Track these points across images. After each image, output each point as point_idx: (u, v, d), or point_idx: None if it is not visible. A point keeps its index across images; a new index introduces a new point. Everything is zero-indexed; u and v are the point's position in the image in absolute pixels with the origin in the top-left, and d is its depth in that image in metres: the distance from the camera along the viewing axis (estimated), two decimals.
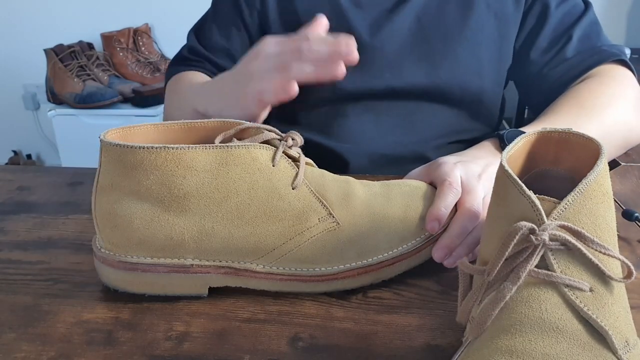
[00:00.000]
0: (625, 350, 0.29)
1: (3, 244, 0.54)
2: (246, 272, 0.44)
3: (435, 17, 0.73)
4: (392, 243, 0.45)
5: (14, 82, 2.40)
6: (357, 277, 0.44)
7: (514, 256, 0.31)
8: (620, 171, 0.68)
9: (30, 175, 0.70)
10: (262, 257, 0.43)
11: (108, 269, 0.44)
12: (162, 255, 0.43)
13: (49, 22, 2.29)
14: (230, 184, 0.42)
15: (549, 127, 0.38)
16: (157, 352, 0.38)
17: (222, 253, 0.43)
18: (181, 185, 0.41)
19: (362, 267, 0.44)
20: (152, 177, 0.41)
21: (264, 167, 0.43)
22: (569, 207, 0.31)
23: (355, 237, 0.44)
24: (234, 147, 0.42)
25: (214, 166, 0.42)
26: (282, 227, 0.43)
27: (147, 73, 2.16)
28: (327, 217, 0.44)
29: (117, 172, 0.42)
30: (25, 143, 2.56)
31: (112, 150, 0.42)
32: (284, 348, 0.38)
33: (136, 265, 0.43)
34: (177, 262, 0.43)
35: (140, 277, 0.44)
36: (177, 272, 0.43)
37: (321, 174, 0.46)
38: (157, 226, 0.42)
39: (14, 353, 0.39)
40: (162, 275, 0.43)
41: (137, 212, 0.42)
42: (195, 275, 0.44)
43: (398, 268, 0.45)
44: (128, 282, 0.44)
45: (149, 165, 0.41)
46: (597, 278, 0.30)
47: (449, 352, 0.37)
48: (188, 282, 0.44)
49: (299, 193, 0.44)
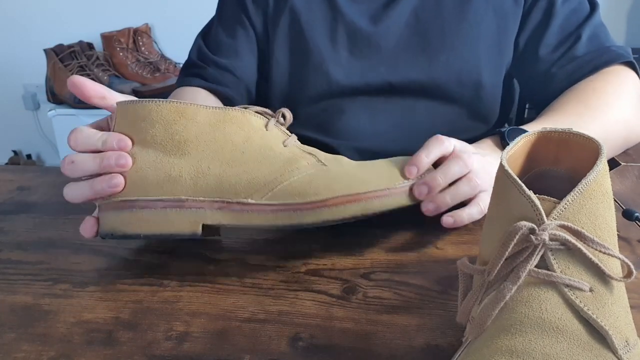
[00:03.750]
0: (625, 350, 0.29)
1: (3, 244, 0.54)
2: (238, 205, 0.46)
3: (433, 10, 0.73)
4: (380, 181, 0.46)
5: (14, 82, 2.40)
6: (346, 205, 0.45)
7: (514, 256, 0.31)
8: (620, 171, 0.68)
9: (30, 176, 0.70)
10: (254, 192, 0.46)
11: (109, 214, 0.46)
12: (160, 193, 0.46)
13: (49, 22, 2.29)
14: (227, 136, 0.47)
15: (549, 127, 0.38)
16: (157, 352, 0.38)
17: (217, 190, 0.46)
18: (182, 132, 0.46)
19: (350, 195, 0.45)
20: (157, 126, 0.46)
21: (258, 129, 0.48)
22: (569, 207, 0.31)
23: (343, 174, 0.46)
24: (231, 109, 0.48)
25: (212, 121, 0.47)
26: (274, 168, 0.46)
27: (147, 73, 2.16)
28: (317, 163, 0.48)
29: (128, 125, 0.47)
30: (25, 143, 2.56)
31: (125, 108, 0.47)
32: (284, 348, 0.38)
33: (135, 203, 0.46)
34: (173, 198, 0.46)
35: (137, 215, 0.46)
36: (172, 207, 0.46)
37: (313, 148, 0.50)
38: (158, 165, 0.46)
39: (14, 353, 0.39)
40: (158, 212, 0.46)
41: (142, 156, 0.46)
42: (189, 210, 0.46)
43: (386, 201, 0.46)
44: (126, 222, 0.46)
45: (156, 116, 0.46)
46: (597, 278, 0.30)
47: (449, 352, 0.37)
48: (182, 218, 0.46)
49: (290, 148, 0.48)
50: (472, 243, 0.51)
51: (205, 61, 0.78)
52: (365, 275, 0.47)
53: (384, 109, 0.76)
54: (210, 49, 0.79)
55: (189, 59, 0.81)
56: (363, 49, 0.74)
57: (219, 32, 0.80)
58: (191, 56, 0.81)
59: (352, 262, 0.48)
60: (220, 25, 0.80)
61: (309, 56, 0.75)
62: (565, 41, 0.71)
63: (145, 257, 0.50)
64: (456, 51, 0.72)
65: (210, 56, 0.78)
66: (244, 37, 0.79)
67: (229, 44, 0.79)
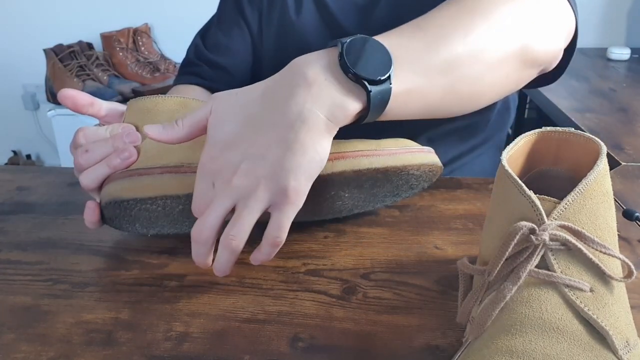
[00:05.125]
0: (625, 350, 0.29)
1: (3, 244, 0.54)
2: None
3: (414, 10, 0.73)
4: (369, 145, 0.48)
5: (13, 82, 2.40)
6: (335, 161, 0.46)
7: (514, 256, 0.31)
8: (620, 170, 0.68)
9: (30, 176, 0.70)
10: None
11: (110, 185, 0.48)
12: (159, 162, 0.48)
13: (49, 22, 2.29)
14: None
15: (549, 127, 0.38)
16: (157, 353, 0.38)
17: None
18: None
19: (338, 152, 0.47)
20: (162, 117, 0.49)
21: None
22: (569, 207, 0.31)
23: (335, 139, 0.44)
24: None
25: None
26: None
27: (146, 73, 2.15)
28: None
29: (136, 117, 0.50)
30: (24, 143, 2.55)
31: (135, 103, 0.51)
32: (284, 348, 0.38)
33: (136, 171, 0.48)
34: (170, 164, 0.48)
35: (137, 182, 0.47)
36: (170, 172, 0.47)
37: None
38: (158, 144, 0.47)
39: (13, 353, 0.39)
40: (156, 177, 0.47)
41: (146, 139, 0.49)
42: (185, 175, 0.47)
43: (374, 160, 0.48)
44: (125, 189, 0.48)
45: (162, 108, 0.50)
46: (597, 278, 0.30)
47: (449, 352, 0.37)
48: (179, 182, 0.47)
49: None
50: (472, 243, 0.51)
51: (203, 60, 0.79)
52: (365, 275, 0.46)
53: None
54: (207, 48, 0.80)
55: (186, 57, 0.82)
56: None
57: (216, 32, 0.81)
58: (189, 55, 0.82)
59: (352, 262, 0.48)
60: (218, 25, 0.81)
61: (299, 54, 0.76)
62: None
63: (145, 257, 0.50)
64: None
65: (207, 55, 0.79)
66: (241, 37, 0.80)
67: (226, 44, 0.79)
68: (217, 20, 0.82)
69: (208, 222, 0.40)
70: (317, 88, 0.40)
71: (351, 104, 0.40)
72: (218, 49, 0.80)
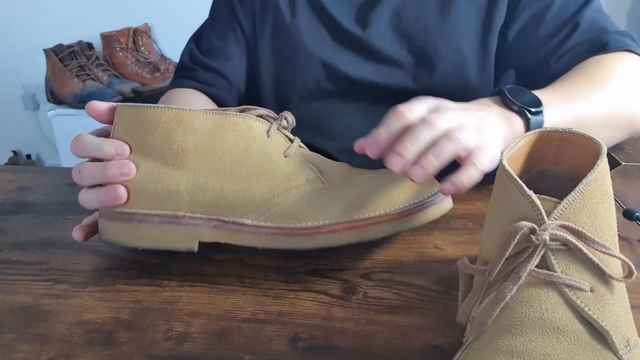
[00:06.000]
0: (626, 350, 0.29)
1: (3, 244, 0.54)
2: (234, 225, 0.46)
3: (414, 11, 0.73)
4: (379, 204, 0.45)
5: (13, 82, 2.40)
6: (343, 232, 0.45)
7: (515, 256, 0.31)
8: (621, 170, 0.68)
9: (30, 176, 0.70)
10: (251, 211, 0.45)
11: (108, 223, 0.47)
12: (158, 207, 0.46)
13: (49, 22, 2.29)
14: (226, 146, 0.46)
15: (549, 127, 0.38)
16: (157, 353, 0.38)
17: (213, 207, 0.45)
18: (180, 142, 0.45)
19: (348, 222, 0.44)
20: (155, 134, 0.45)
21: (259, 136, 0.47)
22: (570, 206, 0.31)
23: (342, 196, 0.45)
24: (232, 115, 0.46)
25: (211, 129, 0.46)
26: (271, 185, 0.46)
27: (146, 73, 2.15)
28: (315, 180, 0.46)
29: (127, 130, 0.46)
30: (24, 143, 2.55)
31: (125, 111, 0.46)
32: (284, 348, 0.38)
33: (133, 216, 0.46)
34: (170, 213, 0.46)
35: (135, 228, 0.46)
36: (170, 223, 0.46)
37: (315, 154, 0.49)
38: (156, 177, 0.46)
39: (13, 353, 0.39)
40: (155, 226, 0.46)
41: (140, 165, 0.46)
42: (186, 227, 0.46)
43: (385, 228, 0.45)
44: (124, 234, 0.47)
45: (154, 122, 0.45)
46: (597, 278, 0.30)
47: (449, 352, 0.37)
48: (179, 234, 0.46)
49: (290, 160, 0.47)
50: (472, 243, 0.51)
51: (197, 64, 0.79)
52: (365, 275, 0.46)
53: (372, 109, 0.76)
54: (202, 53, 0.80)
55: (181, 62, 0.82)
56: (349, 50, 0.75)
57: (210, 36, 0.80)
58: (183, 59, 0.81)
59: (352, 262, 0.48)
60: (212, 29, 0.81)
61: (296, 57, 0.76)
62: (561, 30, 0.68)
63: (145, 257, 0.50)
64: (439, 52, 0.72)
65: (202, 59, 0.79)
66: (235, 41, 0.79)
67: (220, 47, 0.79)
68: (211, 25, 0.81)
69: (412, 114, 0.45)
70: (498, 110, 0.51)
71: (518, 125, 0.51)
72: (213, 53, 0.79)
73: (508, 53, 0.74)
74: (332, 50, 0.75)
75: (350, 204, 0.45)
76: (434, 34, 0.72)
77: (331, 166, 0.49)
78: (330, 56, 0.75)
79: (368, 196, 0.45)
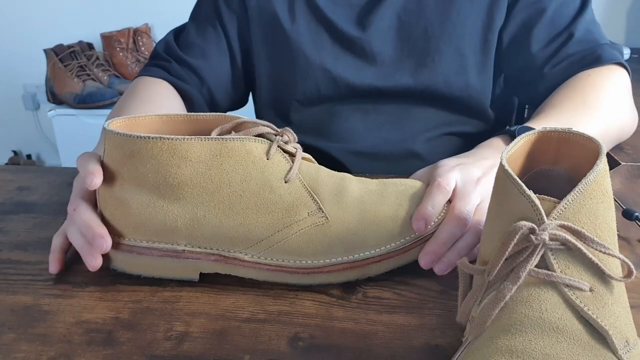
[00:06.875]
0: (625, 350, 0.29)
1: (3, 244, 0.54)
2: (235, 260, 0.45)
3: (415, 12, 0.73)
4: (380, 240, 0.44)
5: (13, 82, 2.40)
6: (343, 271, 0.45)
7: (514, 256, 0.31)
8: (620, 171, 0.68)
9: (30, 175, 0.70)
10: (251, 247, 0.44)
11: (115, 253, 0.46)
12: (157, 240, 0.45)
13: (49, 22, 2.29)
14: (223, 175, 0.43)
15: (549, 127, 0.38)
16: (157, 352, 0.38)
17: (213, 241, 0.44)
18: (176, 175, 0.43)
19: (347, 263, 0.44)
20: (148, 166, 0.43)
21: (258, 160, 0.44)
22: (569, 206, 0.31)
23: (343, 233, 0.44)
24: (229, 140, 0.43)
25: (208, 157, 0.43)
26: (272, 219, 0.44)
27: None
28: (317, 212, 0.44)
29: (118, 159, 0.44)
30: (25, 143, 2.55)
31: (113, 138, 0.44)
32: (284, 348, 0.38)
33: (132, 248, 0.46)
34: (169, 247, 0.45)
35: (136, 259, 0.46)
36: (170, 256, 0.45)
37: (317, 169, 0.47)
38: (152, 212, 0.44)
39: (13, 353, 0.39)
40: (155, 259, 0.46)
41: (134, 198, 0.44)
42: (186, 260, 0.45)
43: (385, 266, 0.45)
44: (126, 263, 0.47)
45: (146, 154, 0.43)
46: (597, 278, 0.30)
47: (449, 352, 0.37)
48: (180, 266, 0.46)
49: (291, 186, 0.45)
50: None
51: (172, 55, 0.77)
52: None
53: (374, 111, 0.76)
54: (179, 46, 0.78)
55: (154, 50, 0.80)
56: (349, 54, 0.74)
57: (190, 32, 0.79)
58: (157, 49, 0.79)
59: None
60: (193, 26, 0.79)
61: (295, 62, 0.75)
62: (556, 38, 0.70)
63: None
64: (441, 53, 0.72)
65: (177, 52, 0.77)
66: (215, 41, 0.78)
67: (199, 44, 0.77)
68: (192, 22, 0.80)
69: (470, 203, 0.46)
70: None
71: None
72: (190, 48, 0.77)
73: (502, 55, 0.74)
74: (332, 56, 0.74)
75: (351, 242, 0.44)
76: (435, 34, 0.72)
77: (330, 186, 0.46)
78: (330, 62, 0.74)
79: (369, 232, 0.45)
